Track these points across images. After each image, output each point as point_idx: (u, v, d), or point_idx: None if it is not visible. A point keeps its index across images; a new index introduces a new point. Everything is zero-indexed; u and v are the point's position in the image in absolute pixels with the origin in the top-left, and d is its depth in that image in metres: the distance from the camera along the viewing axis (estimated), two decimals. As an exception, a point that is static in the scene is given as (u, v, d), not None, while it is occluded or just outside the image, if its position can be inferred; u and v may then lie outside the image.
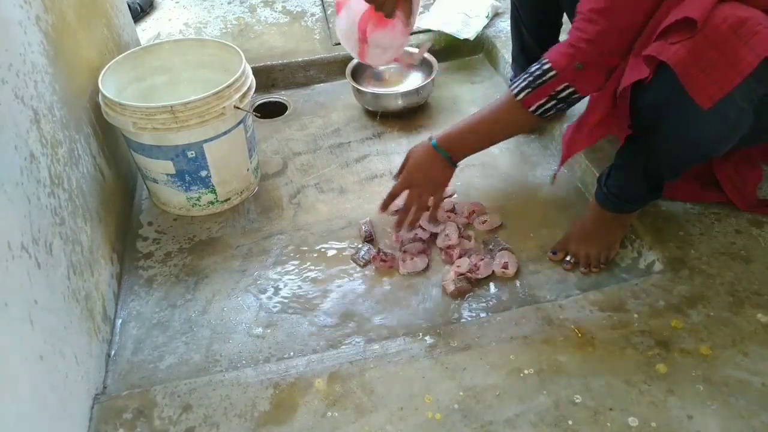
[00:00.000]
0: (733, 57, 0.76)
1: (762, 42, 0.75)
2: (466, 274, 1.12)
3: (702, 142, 0.89)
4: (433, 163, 1.04)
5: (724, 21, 0.76)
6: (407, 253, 1.18)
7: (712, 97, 0.79)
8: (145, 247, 1.26)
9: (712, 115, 0.81)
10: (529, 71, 0.97)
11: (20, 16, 0.96)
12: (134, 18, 1.87)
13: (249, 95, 1.24)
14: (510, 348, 0.94)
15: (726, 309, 0.96)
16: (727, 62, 0.77)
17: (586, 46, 0.91)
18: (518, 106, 0.96)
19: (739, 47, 0.76)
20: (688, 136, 0.89)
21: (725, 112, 0.82)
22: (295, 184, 1.40)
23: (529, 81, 0.95)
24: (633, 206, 1.07)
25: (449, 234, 1.20)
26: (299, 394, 0.90)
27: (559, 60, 0.93)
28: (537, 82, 0.94)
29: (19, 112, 0.88)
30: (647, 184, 1.02)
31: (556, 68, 0.93)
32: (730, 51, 0.76)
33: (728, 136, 0.88)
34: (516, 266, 1.14)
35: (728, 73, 0.77)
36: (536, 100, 0.95)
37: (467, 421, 0.84)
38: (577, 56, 0.92)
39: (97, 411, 0.91)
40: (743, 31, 0.75)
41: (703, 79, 0.79)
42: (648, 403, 0.85)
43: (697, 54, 0.78)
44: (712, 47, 0.77)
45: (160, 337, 1.07)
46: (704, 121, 0.85)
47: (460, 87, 1.70)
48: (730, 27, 0.76)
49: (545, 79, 0.94)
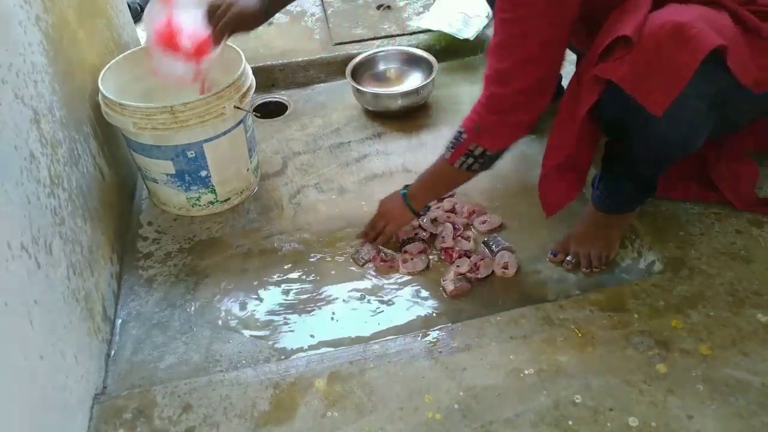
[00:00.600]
0: (674, 63, 0.78)
1: (699, 45, 0.76)
2: (465, 273, 1.12)
3: (667, 145, 0.92)
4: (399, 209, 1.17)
5: (661, 28, 0.78)
6: (407, 253, 1.18)
7: (662, 105, 0.81)
8: (145, 247, 1.26)
9: (669, 119, 0.83)
10: (453, 134, 1.03)
11: (20, 16, 0.96)
12: (134, 18, 1.86)
13: (249, 95, 1.24)
14: (510, 348, 0.94)
15: (726, 309, 0.96)
16: (669, 69, 0.79)
17: (481, 109, 0.97)
18: (446, 163, 1.05)
19: (677, 53, 0.78)
20: (653, 142, 0.92)
21: (680, 115, 0.84)
22: (295, 184, 1.40)
23: (452, 141, 1.03)
24: (629, 206, 1.08)
25: (444, 237, 1.20)
26: (299, 394, 0.90)
27: (466, 122, 1.00)
28: (454, 142, 1.02)
29: (19, 112, 0.88)
30: (637, 185, 1.03)
31: (465, 129, 1.00)
32: (671, 57, 0.78)
33: (692, 134, 0.90)
34: (516, 266, 1.14)
35: (672, 79, 0.79)
36: (456, 158, 1.03)
37: (467, 421, 0.84)
38: (475, 120, 0.99)
39: (97, 411, 0.91)
40: (680, 36, 0.77)
41: (649, 89, 0.81)
42: (648, 403, 0.85)
43: (639, 66, 0.80)
44: (653, 56, 0.79)
45: (160, 337, 1.07)
46: (663, 126, 0.87)
47: (460, 87, 1.70)
48: (667, 34, 0.78)
49: (459, 139, 1.01)
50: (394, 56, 1.71)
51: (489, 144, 0.99)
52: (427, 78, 1.59)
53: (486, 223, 1.24)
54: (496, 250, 1.16)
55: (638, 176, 1.02)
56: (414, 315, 1.08)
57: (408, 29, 1.85)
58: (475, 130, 0.98)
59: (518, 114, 0.96)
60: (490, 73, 0.94)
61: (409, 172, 1.41)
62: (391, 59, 1.71)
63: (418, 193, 1.14)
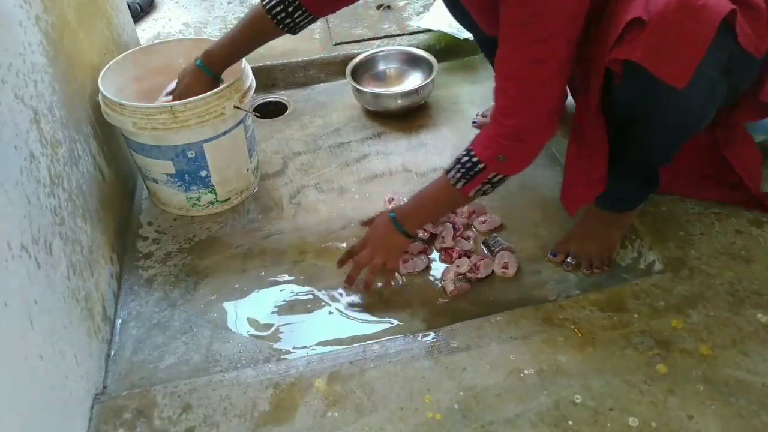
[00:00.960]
0: (689, 35, 0.79)
1: (709, 14, 0.78)
2: (465, 274, 1.12)
3: (686, 121, 0.92)
4: (389, 233, 1.07)
5: (667, 6, 0.79)
6: (407, 253, 1.18)
7: (684, 77, 0.81)
8: (145, 247, 1.26)
9: (688, 92, 0.83)
10: (461, 162, 0.98)
11: (20, 16, 0.96)
12: (134, 18, 1.87)
13: (249, 95, 1.24)
14: (510, 348, 0.94)
15: (726, 309, 0.96)
16: (685, 42, 0.80)
17: (503, 140, 0.94)
18: (457, 192, 1.00)
19: (690, 25, 0.79)
20: (671, 119, 0.91)
21: (699, 86, 0.84)
22: (295, 184, 1.40)
23: (463, 173, 0.98)
24: (629, 204, 1.07)
25: (444, 237, 1.20)
26: (299, 394, 0.90)
27: (484, 153, 0.96)
28: (470, 173, 0.98)
29: (19, 112, 0.88)
30: (640, 179, 1.03)
31: (484, 161, 0.96)
32: (684, 31, 0.79)
33: (708, 107, 0.91)
34: (516, 266, 1.14)
35: (690, 50, 0.80)
36: (472, 188, 0.99)
37: (467, 421, 0.84)
38: (498, 150, 0.95)
39: (97, 411, 0.91)
40: (687, 9, 0.78)
41: (670, 63, 0.82)
42: (648, 403, 0.85)
43: (655, 43, 0.81)
44: (667, 33, 0.80)
45: (160, 337, 1.07)
46: (682, 100, 0.87)
47: (460, 87, 1.70)
48: (674, 10, 0.79)
49: (476, 170, 0.97)
50: (394, 56, 1.71)
51: (511, 170, 0.98)
52: (427, 78, 1.59)
53: (486, 223, 1.24)
54: (496, 250, 1.16)
55: (644, 168, 1.02)
56: (414, 315, 1.08)
57: (408, 29, 1.85)
58: (497, 160, 0.95)
59: (541, 134, 0.95)
60: (508, 104, 0.93)
61: (409, 172, 1.41)
62: (391, 59, 1.71)
63: (413, 217, 1.07)
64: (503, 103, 0.94)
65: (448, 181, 1.00)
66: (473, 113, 1.57)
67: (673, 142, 0.98)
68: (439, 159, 1.44)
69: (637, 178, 1.03)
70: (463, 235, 1.21)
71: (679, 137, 0.97)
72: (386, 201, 1.31)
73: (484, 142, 0.97)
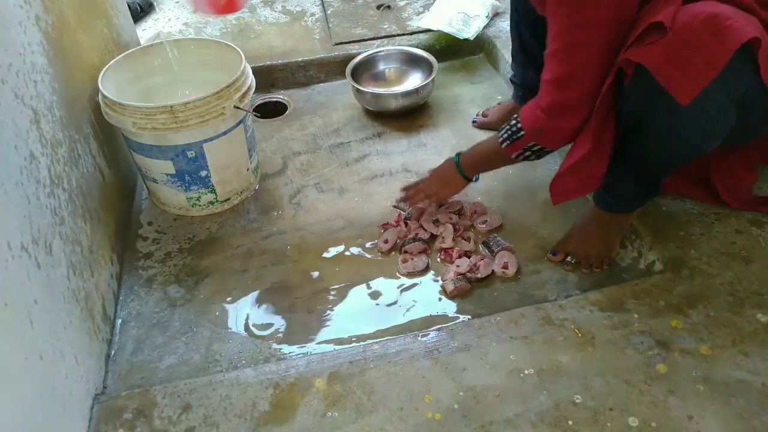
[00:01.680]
0: (707, 53, 0.78)
1: (733, 36, 0.76)
2: (465, 274, 1.12)
3: (686, 140, 0.91)
4: (451, 172, 1.21)
5: (695, 18, 0.78)
6: (407, 254, 1.18)
7: (690, 93, 0.80)
8: (145, 247, 1.26)
9: (693, 112, 0.83)
10: (510, 124, 1.05)
11: (20, 16, 0.96)
12: (134, 18, 1.87)
13: (249, 95, 1.24)
14: (510, 348, 0.94)
15: (726, 309, 0.96)
16: (701, 58, 0.78)
17: (543, 114, 0.99)
18: (504, 152, 1.08)
19: (711, 43, 0.77)
20: (672, 135, 0.90)
21: (705, 109, 0.83)
22: (295, 184, 1.40)
23: (509, 134, 1.06)
24: (630, 206, 1.07)
25: (444, 237, 1.20)
26: (299, 394, 0.90)
27: (525, 122, 1.02)
28: (513, 137, 1.05)
29: (19, 112, 0.88)
30: (641, 184, 1.03)
31: (524, 129, 1.02)
32: (704, 47, 0.78)
33: (712, 132, 0.89)
34: (516, 266, 1.14)
35: (703, 68, 0.79)
36: (514, 151, 1.06)
37: (467, 421, 0.84)
38: (537, 123, 1.00)
39: (97, 411, 0.91)
40: (714, 26, 0.77)
41: (679, 77, 0.81)
42: (648, 403, 0.85)
43: (671, 52, 0.80)
44: (686, 45, 0.79)
45: (160, 337, 1.07)
46: (686, 119, 0.86)
47: (460, 87, 1.70)
48: (701, 23, 0.77)
49: (518, 136, 1.04)
50: (394, 56, 1.71)
51: (548, 144, 1.03)
52: (427, 78, 1.58)
53: (486, 223, 1.24)
54: (496, 250, 1.16)
55: (645, 175, 1.01)
56: (414, 315, 1.08)
57: (408, 29, 1.85)
58: (535, 132, 1.01)
59: (572, 116, 0.97)
60: (551, 77, 0.95)
61: (409, 172, 1.41)
62: (391, 59, 1.71)
63: (471, 166, 1.19)
64: (545, 77, 0.97)
65: (497, 139, 1.08)
66: (473, 113, 1.57)
67: (674, 160, 0.97)
68: (439, 159, 1.43)
69: (638, 183, 1.03)
70: (463, 236, 1.21)
71: (680, 156, 0.96)
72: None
73: (527, 111, 1.02)
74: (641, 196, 1.05)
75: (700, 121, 0.86)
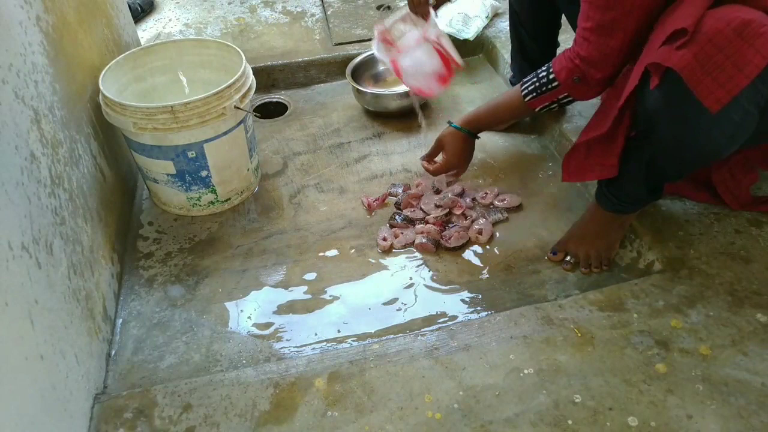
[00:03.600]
0: (740, 59, 0.76)
1: (767, 43, 0.75)
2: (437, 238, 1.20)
3: (707, 146, 0.89)
4: (464, 143, 1.26)
5: (728, 24, 0.76)
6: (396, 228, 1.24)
7: (720, 101, 0.79)
8: (145, 247, 1.26)
9: (718, 118, 0.82)
10: (538, 76, 1.07)
11: (21, 17, 0.96)
12: (134, 18, 1.87)
13: (249, 95, 1.24)
14: (510, 348, 0.94)
15: (726, 309, 0.96)
16: (733, 65, 0.77)
17: (581, 62, 1.01)
18: (525, 105, 1.10)
19: (744, 49, 0.76)
20: (693, 140, 0.89)
21: (730, 115, 0.82)
22: (295, 184, 1.41)
23: (537, 86, 1.08)
24: (633, 207, 1.07)
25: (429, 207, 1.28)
26: (299, 394, 0.90)
27: (561, 73, 1.04)
28: (543, 89, 1.07)
29: (20, 112, 0.88)
30: (648, 186, 1.02)
31: (559, 80, 1.04)
32: (736, 54, 0.76)
33: (733, 138, 0.88)
34: (489, 234, 1.21)
35: (735, 75, 0.77)
36: (541, 104, 1.09)
37: (467, 421, 0.85)
38: (574, 71, 1.02)
39: (98, 411, 0.91)
40: (747, 33, 0.75)
41: (710, 83, 0.79)
42: (648, 403, 0.85)
43: (703, 58, 0.78)
44: (718, 50, 0.77)
45: (160, 336, 1.07)
46: (710, 125, 0.85)
47: (460, 87, 1.70)
48: (734, 30, 0.76)
49: (550, 87, 1.06)
50: None
51: (582, 95, 1.04)
52: (427, 78, 1.58)
53: (505, 201, 1.29)
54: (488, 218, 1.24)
55: (656, 178, 1.00)
56: (414, 314, 1.08)
57: (408, 29, 1.84)
58: (573, 81, 1.01)
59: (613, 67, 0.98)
60: (593, 25, 0.95)
61: (409, 172, 1.42)
62: (391, 59, 1.71)
63: (477, 124, 1.22)
64: (585, 26, 0.97)
65: (520, 92, 1.10)
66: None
67: (689, 164, 0.96)
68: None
69: (646, 185, 1.02)
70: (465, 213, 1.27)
71: (695, 160, 0.94)
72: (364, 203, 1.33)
73: (562, 61, 1.03)
74: (645, 198, 1.05)
75: (725, 127, 0.85)
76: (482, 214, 1.25)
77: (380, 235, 1.22)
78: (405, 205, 1.29)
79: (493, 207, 1.28)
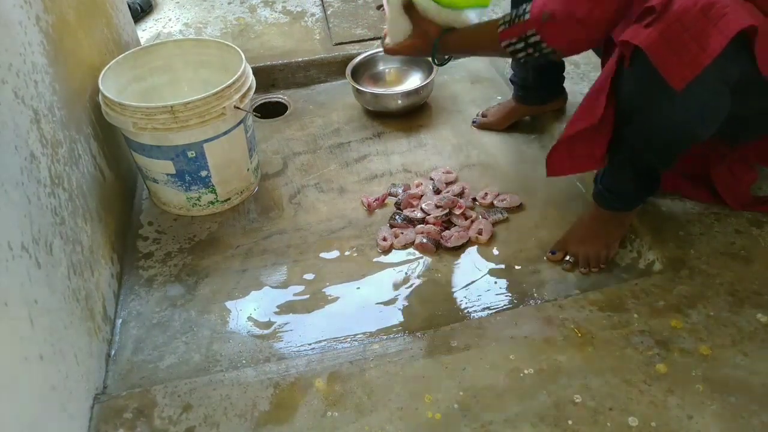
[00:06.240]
0: (703, 39, 0.78)
1: (729, 23, 0.76)
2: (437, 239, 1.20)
3: (680, 126, 0.91)
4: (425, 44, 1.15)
5: (696, 3, 0.78)
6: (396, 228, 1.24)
7: (684, 79, 0.80)
8: (145, 247, 1.26)
9: (687, 97, 0.83)
10: (518, 7, 1.00)
11: (20, 16, 0.96)
12: (134, 18, 1.87)
13: (249, 95, 1.24)
14: (510, 348, 0.94)
15: (726, 309, 0.96)
16: (697, 44, 0.78)
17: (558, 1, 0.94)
18: (495, 36, 1.02)
19: (708, 29, 0.77)
20: (666, 120, 0.90)
21: (699, 94, 0.83)
22: (295, 184, 1.40)
23: (512, 17, 1.00)
24: (629, 203, 1.07)
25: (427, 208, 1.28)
26: (299, 394, 0.90)
27: (535, 5, 0.97)
28: (514, 20, 0.99)
29: (20, 112, 0.88)
30: (640, 177, 1.02)
31: (531, 12, 0.97)
32: (701, 33, 0.78)
33: (706, 117, 0.89)
34: (489, 234, 1.21)
35: (698, 54, 0.79)
36: (508, 37, 1.00)
37: (467, 421, 0.84)
38: (548, 5, 0.94)
39: (97, 411, 0.91)
40: (713, 13, 0.77)
41: (674, 61, 0.80)
42: (648, 403, 0.85)
43: (669, 36, 0.80)
44: (684, 30, 0.79)
45: (160, 336, 1.07)
46: (680, 104, 0.86)
47: (460, 87, 1.70)
48: (701, 9, 0.77)
49: (520, 19, 0.98)
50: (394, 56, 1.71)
51: (550, 39, 0.96)
52: (427, 78, 1.58)
53: (505, 201, 1.28)
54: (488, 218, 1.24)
55: (644, 166, 1.01)
56: (414, 314, 1.08)
57: (408, 29, 1.84)
58: (542, 16, 0.95)
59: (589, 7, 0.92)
60: None
61: (409, 172, 1.41)
62: (391, 60, 1.71)
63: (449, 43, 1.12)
64: None
65: (497, 21, 1.03)
66: (473, 113, 1.57)
67: (669, 147, 0.97)
68: (439, 159, 1.44)
69: (637, 176, 1.02)
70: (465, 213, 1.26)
71: (675, 142, 0.95)
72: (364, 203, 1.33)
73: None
74: (640, 193, 1.05)
75: (694, 106, 0.86)
76: (482, 214, 1.25)
77: (380, 235, 1.22)
78: (405, 205, 1.29)
79: (493, 207, 1.28)
